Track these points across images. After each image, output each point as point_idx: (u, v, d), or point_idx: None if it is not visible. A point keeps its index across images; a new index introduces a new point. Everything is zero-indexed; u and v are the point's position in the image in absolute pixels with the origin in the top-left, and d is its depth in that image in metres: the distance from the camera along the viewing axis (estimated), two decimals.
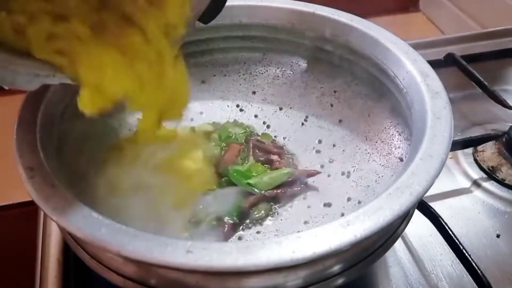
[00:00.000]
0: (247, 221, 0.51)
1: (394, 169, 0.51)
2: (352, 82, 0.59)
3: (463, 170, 0.63)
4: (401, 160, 0.51)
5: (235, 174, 0.53)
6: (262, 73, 0.63)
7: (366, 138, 0.56)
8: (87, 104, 0.39)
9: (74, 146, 0.50)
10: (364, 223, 0.36)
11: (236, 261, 0.33)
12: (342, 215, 0.49)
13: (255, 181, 0.52)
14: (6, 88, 0.38)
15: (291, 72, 0.62)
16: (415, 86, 0.48)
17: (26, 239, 0.61)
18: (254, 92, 0.63)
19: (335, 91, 0.60)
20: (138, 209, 0.44)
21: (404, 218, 0.44)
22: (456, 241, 0.50)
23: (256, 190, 0.52)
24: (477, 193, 0.60)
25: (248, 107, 0.63)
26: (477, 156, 0.64)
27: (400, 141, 0.52)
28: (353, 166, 0.55)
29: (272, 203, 0.53)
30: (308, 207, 0.53)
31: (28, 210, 0.55)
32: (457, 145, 0.61)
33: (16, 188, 0.42)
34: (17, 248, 0.74)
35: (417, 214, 0.52)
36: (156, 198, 0.46)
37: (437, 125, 0.43)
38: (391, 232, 0.43)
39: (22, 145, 0.42)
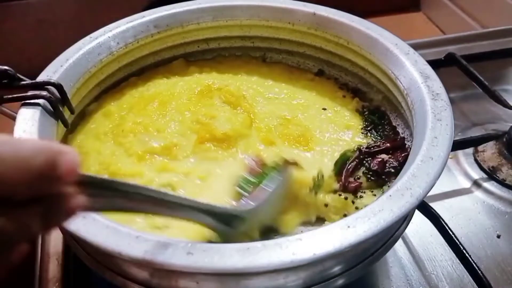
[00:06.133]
0: None
1: None
2: (352, 83, 0.59)
3: (463, 170, 0.63)
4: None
5: None
6: None
7: None
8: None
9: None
10: (364, 225, 0.36)
11: (237, 263, 0.33)
12: None
13: None
14: None
15: None
16: (415, 87, 0.48)
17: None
18: None
19: None
20: None
21: (405, 219, 0.44)
22: (457, 241, 0.50)
23: None
24: (478, 193, 0.60)
25: None
26: (478, 156, 0.63)
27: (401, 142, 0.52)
28: None
29: None
30: None
31: None
32: (458, 145, 0.61)
33: None
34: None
35: (417, 215, 0.52)
36: None
37: (437, 127, 0.43)
38: (392, 233, 0.43)
39: None
